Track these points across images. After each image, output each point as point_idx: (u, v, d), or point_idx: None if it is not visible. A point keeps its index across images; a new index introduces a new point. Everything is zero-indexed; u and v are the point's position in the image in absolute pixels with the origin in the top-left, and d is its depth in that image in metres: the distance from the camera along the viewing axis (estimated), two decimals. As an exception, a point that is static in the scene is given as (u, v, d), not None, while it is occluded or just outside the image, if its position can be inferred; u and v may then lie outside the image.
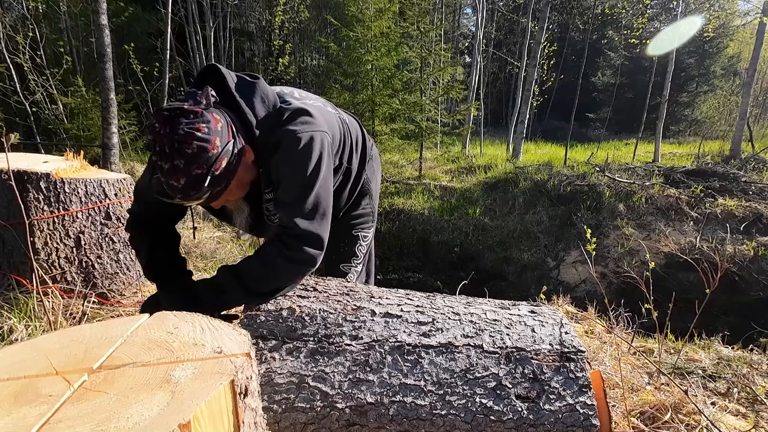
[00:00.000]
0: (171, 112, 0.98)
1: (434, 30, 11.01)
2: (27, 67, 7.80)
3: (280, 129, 1.15)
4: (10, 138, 1.25)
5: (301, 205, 1.13)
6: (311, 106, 1.25)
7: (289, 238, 1.14)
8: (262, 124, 1.15)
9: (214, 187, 1.04)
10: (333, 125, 1.32)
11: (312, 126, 1.17)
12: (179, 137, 0.97)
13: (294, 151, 1.13)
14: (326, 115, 1.31)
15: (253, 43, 16.10)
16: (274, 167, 1.16)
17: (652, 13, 17.08)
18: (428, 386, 1.08)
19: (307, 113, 1.19)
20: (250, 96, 1.15)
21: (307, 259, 1.15)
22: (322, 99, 1.46)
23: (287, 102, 1.23)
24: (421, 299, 1.28)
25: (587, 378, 1.12)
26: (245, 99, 1.14)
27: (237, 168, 1.09)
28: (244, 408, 0.65)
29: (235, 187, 1.15)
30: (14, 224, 1.78)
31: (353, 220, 1.58)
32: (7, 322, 1.69)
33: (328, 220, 1.19)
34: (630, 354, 2.03)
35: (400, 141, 8.90)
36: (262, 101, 1.17)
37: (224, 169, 1.05)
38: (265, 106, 1.17)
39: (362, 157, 1.54)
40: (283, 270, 1.15)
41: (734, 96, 17.56)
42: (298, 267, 1.16)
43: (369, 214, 1.61)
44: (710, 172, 7.78)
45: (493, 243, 6.92)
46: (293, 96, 1.29)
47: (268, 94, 1.19)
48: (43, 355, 0.68)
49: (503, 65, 20.93)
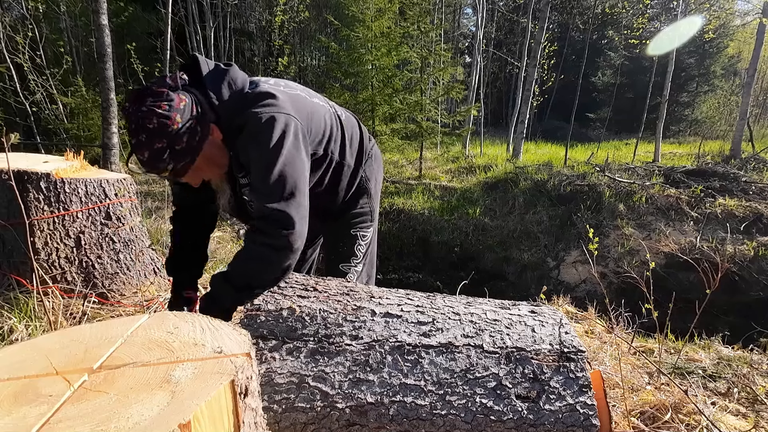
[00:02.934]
0: (139, 92, 1.07)
1: (434, 30, 11.00)
2: (27, 67, 7.79)
3: (244, 112, 1.18)
4: (10, 138, 1.24)
5: (266, 186, 1.14)
6: (280, 91, 1.25)
7: (260, 222, 1.15)
8: (227, 107, 1.18)
9: (177, 161, 1.11)
10: (308, 112, 1.30)
11: (274, 108, 1.18)
12: (142, 114, 1.05)
13: (256, 132, 1.16)
14: (300, 102, 1.30)
15: (253, 43, 16.10)
16: (241, 150, 1.19)
17: (652, 13, 17.07)
18: (428, 386, 1.08)
19: (271, 96, 1.21)
20: (219, 81, 1.19)
21: (281, 240, 1.14)
22: (311, 91, 1.45)
23: (255, 86, 1.25)
24: (421, 299, 1.28)
25: (587, 378, 1.12)
26: (213, 83, 1.19)
27: (201, 145, 1.14)
28: (245, 408, 0.65)
29: (206, 164, 1.19)
30: (14, 224, 1.78)
31: (351, 219, 1.57)
32: (7, 322, 1.69)
33: (299, 200, 1.17)
34: (630, 354, 2.03)
35: (401, 141, 8.90)
36: (228, 86, 1.20)
37: (186, 144, 1.10)
38: (231, 90, 1.21)
39: (359, 154, 1.53)
40: (262, 257, 1.16)
41: (734, 96, 17.55)
42: (274, 250, 1.16)
43: (367, 213, 1.60)
44: (710, 172, 7.78)
45: (493, 243, 6.92)
46: (268, 83, 1.29)
47: (236, 80, 1.22)
48: (43, 355, 0.68)
49: (503, 65, 20.93)
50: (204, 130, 1.14)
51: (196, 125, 1.12)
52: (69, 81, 8.35)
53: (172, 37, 7.98)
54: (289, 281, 1.28)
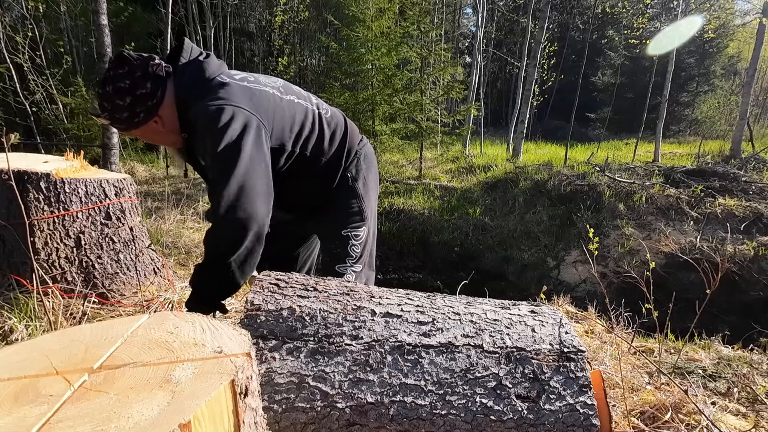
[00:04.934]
0: (114, 60, 1.27)
1: (434, 30, 11.02)
2: (27, 67, 7.79)
3: (197, 103, 1.28)
4: (10, 138, 1.25)
5: (214, 167, 1.23)
6: (242, 86, 1.32)
7: (212, 205, 1.20)
8: (186, 91, 1.30)
9: (131, 115, 1.27)
10: (268, 107, 1.35)
11: (224, 101, 1.25)
12: (110, 75, 1.25)
13: (204, 121, 1.24)
14: (263, 97, 1.35)
15: (253, 43, 16.11)
16: (195, 136, 1.31)
17: (653, 13, 17.07)
18: (428, 386, 1.08)
19: (225, 86, 1.29)
20: (185, 67, 1.32)
21: (226, 215, 1.18)
22: (295, 89, 1.49)
23: (215, 79, 1.33)
24: (422, 299, 1.28)
25: (587, 378, 1.12)
26: (182, 68, 1.32)
27: (154, 109, 1.28)
28: (245, 408, 0.65)
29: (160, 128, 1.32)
30: (14, 224, 1.78)
31: (341, 220, 1.57)
32: (7, 322, 1.69)
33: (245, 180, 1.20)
34: (630, 354, 2.03)
35: (401, 141, 8.90)
36: (192, 73, 1.32)
37: (140, 104, 1.25)
38: (194, 77, 1.32)
39: (339, 151, 1.52)
40: (218, 240, 1.22)
41: (734, 96, 17.56)
42: (221, 224, 1.20)
43: (357, 213, 1.59)
44: (710, 171, 7.78)
45: (493, 243, 6.92)
46: (234, 78, 1.36)
47: (202, 69, 1.32)
48: (43, 355, 0.68)
49: (503, 65, 20.95)
50: (158, 98, 1.27)
51: (150, 92, 1.26)
52: (69, 81, 8.34)
53: (172, 37, 7.98)
54: (289, 281, 1.28)
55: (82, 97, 7.99)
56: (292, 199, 1.55)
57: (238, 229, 1.20)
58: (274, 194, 1.26)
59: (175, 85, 1.30)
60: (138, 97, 1.24)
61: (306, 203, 1.59)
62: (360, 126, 8.14)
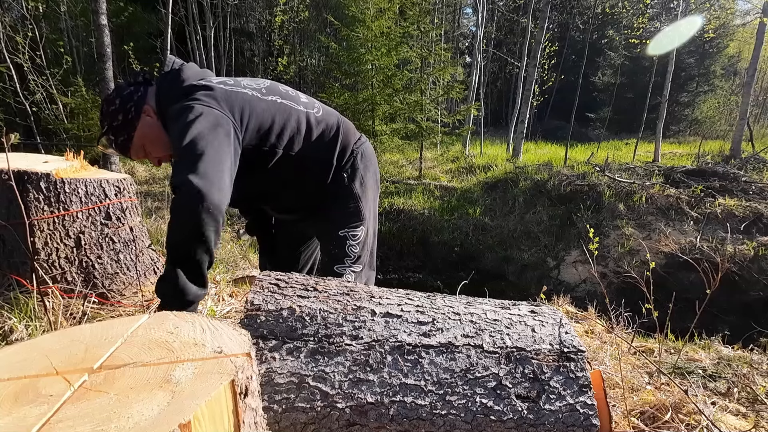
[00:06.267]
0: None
1: (434, 30, 11.02)
2: (27, 67, 7.79)
3: (172, 106, 1.33)
4: (10, 138, 1.24)
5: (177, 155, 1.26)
6: (213, 85, 1.37)
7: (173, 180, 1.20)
8: (164, 98, 1.38)
9: (117, 135, 1.38)
10: (245, 107, 1.37)
11: (195, 101, 1.30)
12: (104, 100, 1.40)
13: (173, 120, 1.30)
14: (238, 97, 1.38)
15: (253, 43, 16.11)
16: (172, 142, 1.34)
17: (653, 13, 17.07)
18: (428, 386, 1.08)
19: (198, 89, 1.35)
20: (164, 78, 1.41)
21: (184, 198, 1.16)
22: (282, 90, 1.50)
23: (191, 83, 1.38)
24: (422, 299, 1.28)
25: (587, 378, 1.12)
26: (161, 79, 1.42)
27: (134, 123, 1.36)
28: (245, 408, 0.65)
29: (147, 142, 1.40)
30: (14, 224, 1.78)
31: (338, 220, 1.56)
32: (7, 322, 1.69)
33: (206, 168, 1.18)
34: (630, 354, 2.03)
35: (401, 141, 8.90)
36: (170, 81, 1.40)
37: (121, 121, 1.36)
38: (171, 84, 1.39)
39: (329, 151, 1.51)
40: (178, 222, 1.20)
41: (734, 96, 17.57)
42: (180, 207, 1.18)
43: (354, 213, 1.58)
44: (710, 171, 7.78)
45: (493, 243, 6.92)
46: (212, 81, 1.42)
47: (178, 76, 1.40)
48: (43, 355, 0.68)
49: (503, 65, 20.94)
50: (137, 111, 1.36)
51: (131, 107, 1.36)
52: (69, 81, 8.34)
53: (172, 37, 7.98)
54: (289, 281, 1.28)
55: (82, 97, 7.99)
56: (288, 200, 1.55)
57: (197, 213, 1.15)
58: (270, 195, 1.26)
59: (156, 95, 1.38)
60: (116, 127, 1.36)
61: (301, 203, 1.58)
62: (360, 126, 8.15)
